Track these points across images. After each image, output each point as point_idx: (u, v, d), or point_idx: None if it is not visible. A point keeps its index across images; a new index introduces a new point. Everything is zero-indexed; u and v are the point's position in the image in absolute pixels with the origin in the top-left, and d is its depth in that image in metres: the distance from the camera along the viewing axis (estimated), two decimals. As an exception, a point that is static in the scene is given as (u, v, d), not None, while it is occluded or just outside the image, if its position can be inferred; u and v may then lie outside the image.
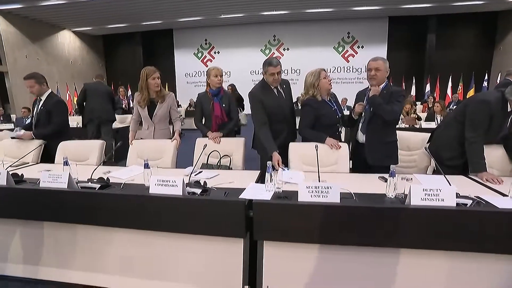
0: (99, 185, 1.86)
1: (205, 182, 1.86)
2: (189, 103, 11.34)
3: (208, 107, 2.79)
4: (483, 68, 10.97)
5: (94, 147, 2.67)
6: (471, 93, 9.89)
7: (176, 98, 8.89)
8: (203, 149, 2.19)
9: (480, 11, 11.01)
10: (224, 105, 2.77)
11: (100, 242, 1.80)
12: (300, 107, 2.53)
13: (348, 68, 12.94)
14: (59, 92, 11.96)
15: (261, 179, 2.09)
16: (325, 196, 1.52)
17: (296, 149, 2.42)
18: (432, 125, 5.27)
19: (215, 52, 14.01)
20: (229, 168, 2.48)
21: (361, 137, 2.41)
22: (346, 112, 2.64)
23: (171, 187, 1.67)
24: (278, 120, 2.50)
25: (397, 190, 1.65)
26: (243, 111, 5.59)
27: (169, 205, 1.64)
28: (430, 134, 2.47)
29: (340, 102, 2.64)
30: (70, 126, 5.82)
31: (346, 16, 12.11)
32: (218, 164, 2.50)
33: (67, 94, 12.32)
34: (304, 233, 1.51)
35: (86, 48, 13.92)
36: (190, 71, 14.29)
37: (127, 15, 11.28)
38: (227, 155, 2.57)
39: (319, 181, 1.74)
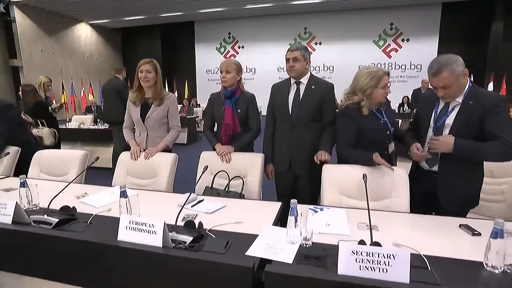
0: (57, 220, 1.44)
1: (200, 224, 1.39)
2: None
3: (219, 112, 2.36)
4: None
5: (74, 159, 2.32)
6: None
7: (195, 97, 8.46)
8: (203, 171, 1.73)
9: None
10: (239, 111, 2.32)
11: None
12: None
13: (390, 64, 12.06)
14: (74, 88, 12.20)
15: (282, 218, 1.60)
16: (384, 270, 0.99)
17: (331, 173, 1.90)
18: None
19: (239, 47, 13.70)
20: (240, 195, 2.02)
21: (426, 164, 1.82)
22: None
23: (148, 234, 1.23)
24: (280, 124, 2.28)
25: (504, 259, 1.08)
26: (45, 127, 3.89)
27: (142, 262, 1.21)
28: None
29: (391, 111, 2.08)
30: (75, 126, 5.83)
31: (389, 5, 11.30)
32: (226, 189, 2.05)
33: (82, 91, 12.57)
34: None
35: (103, 42, 14.13)
36: (211, 67, 14.07)
37: (146, 6, 11.21)
38: (238, 177, 2.11)
39: (370, 232, 1.21)
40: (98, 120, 6.12)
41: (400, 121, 6.42)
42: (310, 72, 2.22)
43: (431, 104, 1.77)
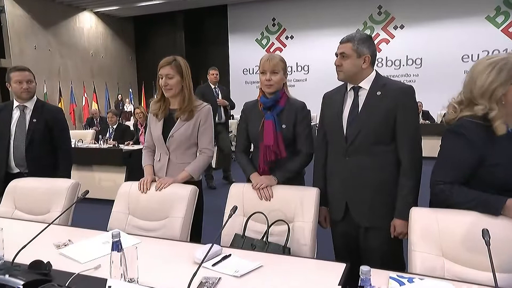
0: (23, 282, 1.43)
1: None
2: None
3: (256, 128, 2.38)
4: None
5: (59, 191, 2.39)
6: None
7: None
8: (230, 214, 1.67)
9: None
10: (284, 126, 2.31)
11: None
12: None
13: (514, 51, 11.36)
14: (74, 94, 13.04)
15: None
16: None
17: (425, 222, 1.75)
18: None
19: (287, 37, 13.85)
20: (284, 249, 1.95)
21: None
22: None
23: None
24: (333, 149, 2.22)
25: None
26: None
27: None
28: None
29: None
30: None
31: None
32: (265, 238, 2.00)
33: (84, 97, 13.43)
34: None
35: (111, 35, 15.11)
36: (250, 65, 14.35)
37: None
38: (282, 221, 2.06)
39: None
40: (101, 136, 6.42)
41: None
42: (377, 72, 2.11)
43: None
